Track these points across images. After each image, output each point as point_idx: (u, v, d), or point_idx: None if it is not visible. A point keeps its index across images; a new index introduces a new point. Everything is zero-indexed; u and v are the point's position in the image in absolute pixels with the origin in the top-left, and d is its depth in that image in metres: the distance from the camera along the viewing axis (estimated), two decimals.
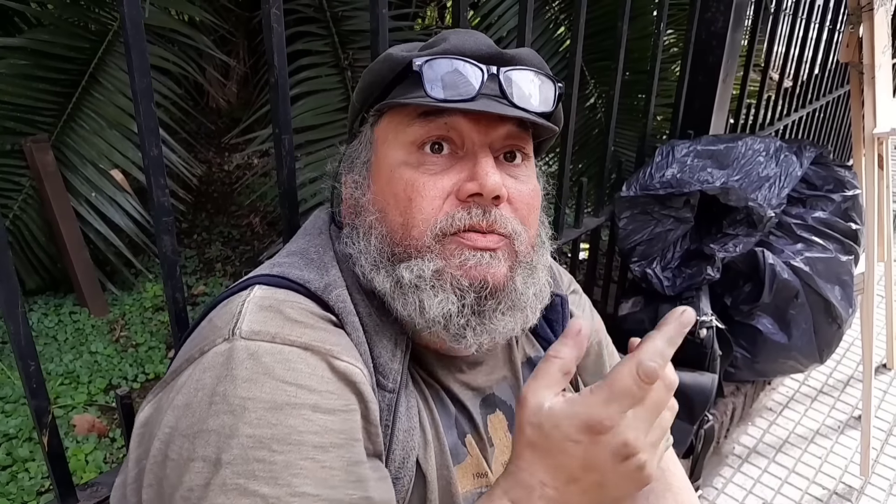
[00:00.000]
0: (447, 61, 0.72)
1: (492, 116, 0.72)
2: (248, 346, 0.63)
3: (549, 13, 3.20)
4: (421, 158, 0.73)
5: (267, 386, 0.61)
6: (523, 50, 0.79)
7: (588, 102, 3.26)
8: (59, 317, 2.79)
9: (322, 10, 2.97)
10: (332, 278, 0.74)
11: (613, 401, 0.58)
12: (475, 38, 0.76)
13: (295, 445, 0.59)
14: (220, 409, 0.60)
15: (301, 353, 0.64)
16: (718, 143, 1.96)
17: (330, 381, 0.64)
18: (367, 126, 0.81)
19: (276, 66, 1.01)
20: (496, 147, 0.74)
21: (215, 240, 3.48)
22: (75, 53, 2.79)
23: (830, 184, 2.06)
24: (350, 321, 0.71)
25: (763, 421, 2.42)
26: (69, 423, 2.22)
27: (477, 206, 0.71)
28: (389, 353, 0.72)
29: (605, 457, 0.59)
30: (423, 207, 0.71)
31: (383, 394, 0.69)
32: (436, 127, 0.72)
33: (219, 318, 0.68)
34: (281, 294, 0.70)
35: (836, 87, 3.39)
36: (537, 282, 0.76)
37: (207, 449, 0.59)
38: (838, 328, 2.00)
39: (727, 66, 2.10)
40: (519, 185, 0.75)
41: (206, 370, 0.63)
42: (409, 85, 0.75)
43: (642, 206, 1.91)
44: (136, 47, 0.87)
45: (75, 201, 2.76)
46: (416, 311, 0.71)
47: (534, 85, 0.75)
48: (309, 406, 0.61)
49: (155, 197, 0.95)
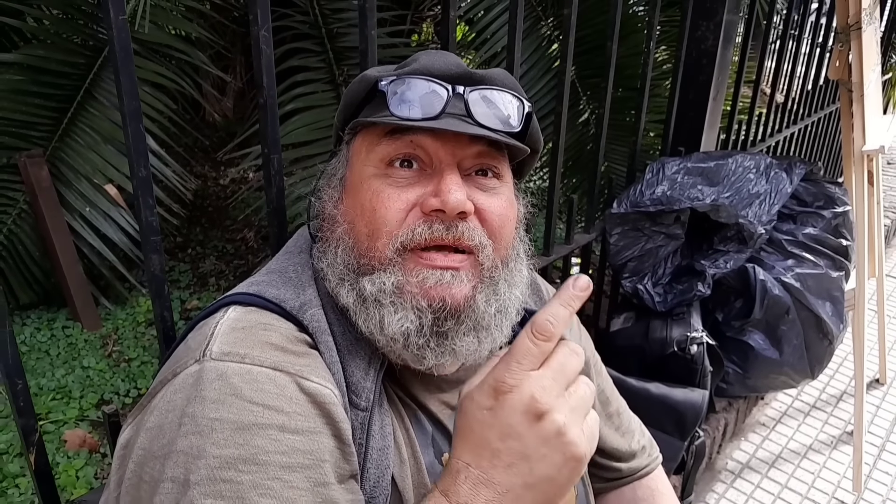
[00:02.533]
0: (412, 81, 0.74)
1: (460, 135, 0.73)
2: (217, 366, 0.64)
3: (542, 29, 3.23)
4: (390, 172, 0.75)
5: (234, 406, 0.61)
6: (495, 70, 0.80)
7: (581, 118, 3.28)
8: (51, 331, 2.79)
9: (317, 27, 2.99)
10: (308, 297, 0.75)
11: (513, 360, 0.59)
12: (445, 58, 0.78)
13: (261, 465, 0.60)
14: (188, 429, 0.61)
15: (270, 373, 0.65)
16: (708, 161, 1.97)
17: (298, 401, 0.64)
18: (344, 144, 0.83)
19: (264, 87, 1.02)
20: (466, 165, 0.75)
21: (209, 254, 3.48)
22: (70, 69, 2.80)
23: (821, 200, 2.07)
24: (324, 340, 0.72)
25: (756, 436, 2.42)
26: (60, 439, 2.22)
27: (439, 222, 0.72)
28: (362, 371, 0.72)
29: (517, 418, 0.57)
30: (387, 218, 0.72)
31: (356, 412, 0.70)
32: (402, 145, 0.74)
33: (193, 339, 0.70)
34: (255, 315, 0.71)
35: (826, 103, 3.42)
36: (501, 298, 0.76)
37: (176, 470, 0.60)
38: (829, 344, 2.01)
39: (717, 83, 2.12)
40: (489, 198, 0.76)
41: (177, 391, 0.64)
42: (379, 104, 0.77)
43: (633, 223, 1.92)
44: (125, 70, 0.87)
45: (69, 216, 2.76)
46: (377, 328, 0.72)
47: (501, 104, 0.76)
48: (276, 426, 0.62)
49: (143, 217, 0.96)
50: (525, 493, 0.58)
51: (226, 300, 0.75)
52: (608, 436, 1.02)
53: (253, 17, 0.98)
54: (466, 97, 0.74)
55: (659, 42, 3.16)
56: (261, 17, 0.98)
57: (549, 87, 3.12)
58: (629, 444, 1.05)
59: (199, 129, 3.95)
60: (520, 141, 0.78)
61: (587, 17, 2.91)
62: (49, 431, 2.25)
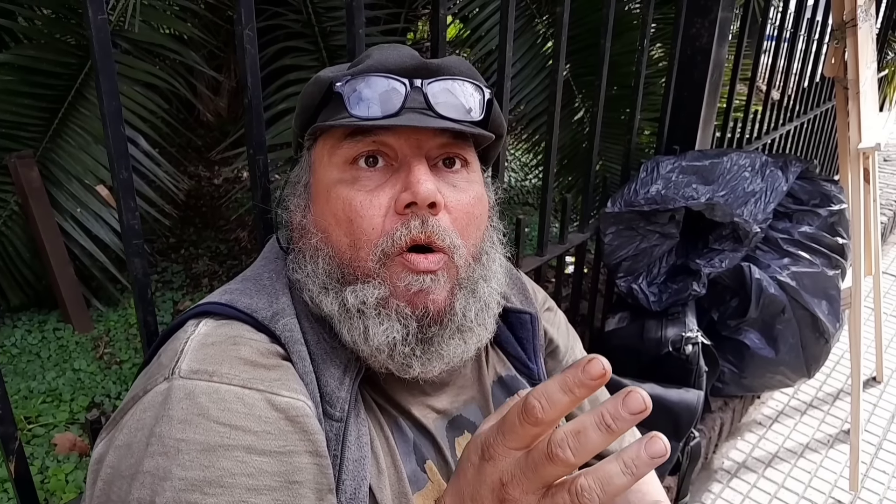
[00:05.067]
0: (369, 79, 0.72)
1: (424, 129, 0.71)
2: (185, 385, 0.63)
3: (537, 27, 3.21)
4: (355, 174, 0.73)
5: (201, 427, 0.60)
6: (451, 59, 0.78)
7: (576, 117, 3.26)
8: (42, 333, 2.76)
9: (310, 26, 2.97)
10: (282, 306, 0.73)
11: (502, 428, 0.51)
12: (398, 51, 0.76)
13: (227, 488, 0.59)
14: (155, 450, 0.60)
15: (239, 391, 0.63)
16: (703, 159, 1.96)
17: (268, 419, 0.63)
18: (305, 150, 0.81)
19: (249, 87, 1.00)
20: (433, 155, 0.74)
21: (203, 254, 3.46)
22: (62, 69, 2.77)
23: (816, 198, 2.06)
24: (296, 350, 0.70)
25: (752, 435, 2.41)
26: (50, 443, 2.19)
27: (415, 217, 0.70)
28: (337, 380, 0.71)
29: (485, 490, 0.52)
30: (365, 228, 0.71)
31: (331, 423, 0.68)
32: (364, 145, 0.72)
33: (164, 355, 0.68)
34: (225, 329, 0.70)
35: (822, 101, 3.40)
36: (480, 298, 0.75)
37: (143, 491, 0.58)
38: (825, 343, 2.00)
39: (712, 81, 2.10)
40: (458, 193, 0.75)
41: (146, 410, 0.63)
42: (336, 106, 0.75)
43: (627, 222, 1.91)
44: (105, 70, 0.86)
45: (60, 217, 2.74)
46: (361, 338, 0.70)
47: (461, 94, 0.74)
48: (243, 447, 0.60)
49: (125, 220, 0.94)
50: None
51: (197, 310, 0.73)
52: None
53: (237, 17, 0.96)
54: (425, 90, 0.72)
55: (654, 40, 3.14)
56: (245, 17, 0.97)
57: (544, 86, 3.10)
58: (619, 444, 1.03)
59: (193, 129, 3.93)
60: (482, 128, 0.77)
61: (581, 14, 2.90)
62: (39, 435, 2.22)
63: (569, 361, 0.99)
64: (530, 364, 0.89)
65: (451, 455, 0.78)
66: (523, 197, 4.31)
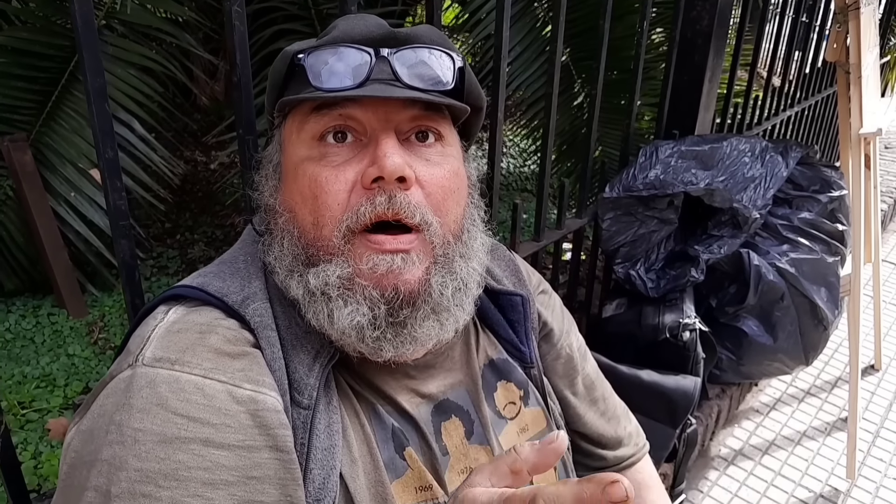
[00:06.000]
0: (331, 50, 0.70)
1: (393, 101, 0.69)
2: (147, 373, 0.61)
3: (536, 11, 3.18)
4: (323, 150, 0.70)
5: (159, 418, 0.59)
6: (421, 27, 0.75)
7: (575, 102, 3.23)
8: (37, 318, 2.75)
9: (307, 9, 2.93)
10: (254, 290, 0.71)
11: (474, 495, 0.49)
12: (364, 21, 0.73)
13: (182, 482, 0.57)
14: (113, 438, 0.59)
15: (200, 381, 0.62)
16: (703, 144, 1.93)
17: (228, 412, 0.61)
18: (276, 129, 0.78)
19: (238, 65, 0.98)
20: (404, 129, 0.71)
21: (198, 240, 3.44)
22: (55, 51, 2.74)
23: (817, 184, 2.04)
24: (265, 336, 0.68)
25: (749, 423, 2.40)
26: (44, 428, 2.19)
27: (382, 193, 0.67)
28: (306, 367, 0.68)
29: None
30: (329, 203, 0.68)
31: (298, 411, 0.66)
32: (331, 119, 0.70)
33: (133, 341, 0.67)
34: (193, 316, 0.68)
35: (824, 86, 3.37)
36: (457, 276, 0.72)
37: (99, 479, 0.57)
38: (824, 330, 1.98)
39: (713, 65, 2.08)
40: (431, 167, 0.71)
41: (108, 396, 0.62)
42: (301, 80, 0.72)
43: (626, 208, 1.89)
44: (88, 46, 0.83)
45: (54, 201, 2.72)
46: (327, 321, 0.68)
47: (430, 63, 0.71)
48: (200, 440, 0.59)
49: (111, 200, 0.92)
50: None
51: (169, 293, 0.72)
52: (593, 421, 0.99)
53: None
54: (391, 60, 0.69)
55: (654, 24, 3.11)
56: None
57: (543, 70, 3.07)
58: (615, 430, 1.02)
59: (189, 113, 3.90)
60: (458, 99, 0.74)
61: None
62: (33, 420, 2.22)
63: (563, 345, 0.97)
64: (522, 347, 0.87)
65: (435, 441, 0.75)
66: (522, 183, 4.28)
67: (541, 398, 0.88)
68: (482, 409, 0.80)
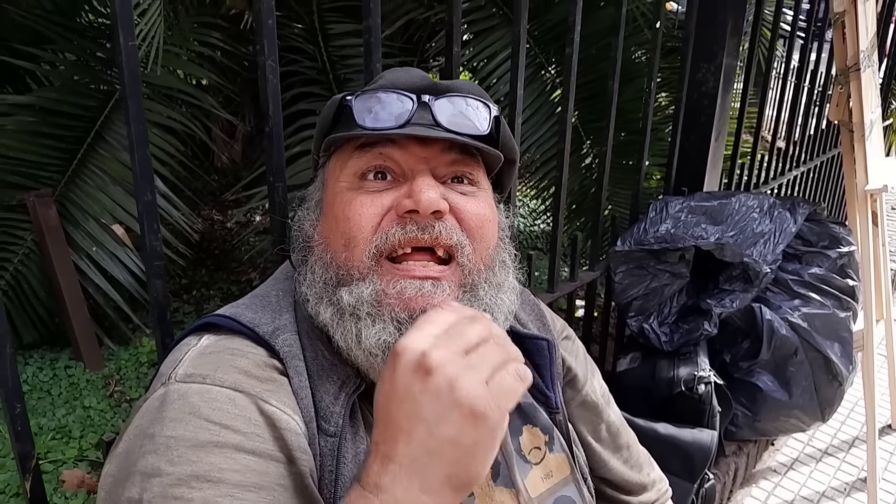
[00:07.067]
0: (376, 94, 0.75)
1: (431, 145, 0.73)
2: (179, 388, 0.65)
3: (545, 76, 3.29)
4: (363, 185, 0.75)
5: (191, 425, 0.61)
6: (460, 81, 0.81)
7: (584, 162, 3.30)
8: (53, 371, 2.77)
9: (325, 73, 3.06)
10: (284, 322, 0.75)
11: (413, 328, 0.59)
12: (409, 73, 0.79)
13: (214, 483, 0.59)
14: (147, 449, 0.61)
15: (230, 393, 0.65)
16: (712, 200, 1.98)
17: (257, 423, 0.64)
18: (320, 168, 0.83)
19: (270, 116, 1.04)
20: (441, 174, 0.75)
21: (214, 295, 3.48)
22: (82, 111, 2.85)
23: (825, 240, 2.07)
24: (294, 365, 0.71)
25: (767, 483, 2.37)
26: (58, 479, 2.18)
27: (413, 223, 0.71)
28: (332, 396, 0.71)
29: (408, 378, 0.55)
30: (362, 225, 0.72)
31: (325, 438, 0.68)
32: (372, 157, 0.74)
33: (164, 365, 0.71)
34: (225, 342, 0.71)
35: (829, 147, 3.44)
36: (482, 301, 0.74)
37: (133, 490, 0.59)
38: (839, 385, 1.98)
39: (719, 124, 2.14)
40: (466, 199, 0.75)
41: (143, 416, 0.65)
42: (348, 121, 0.77)
43: (637, 261, 1.92)
44: (133, 95, 0.89)
45: (76, 255, 2.77)
46: (354, 341, 0.70)
47: (468, 110, 0.76)
48: (232, 445, 0.61)
49: (148, 241, 0.96)
50: (430, 460, 0.55)
51: (203, 322, 0.75)
52: (618, 468, 1.00)
53: (260, 48, 1.00)
54: (432, 105, 0.74)
55: (659, 87, 3.20)
56: (268, 48, 1.01)
57: (552, 132, 3.16)
58: (639, 477, 1.02)
59: (208, 173, 4.00)
60: (493, 147, 0.78)
61: (590, 62, 2.96)
62: (47, 471, 2.21)
63: (588, 392, 0.98)
64: (547, 392, 0.88)
65: None
66: (532, 242, 4.33)
67: (565, 444, 0.89)
68: (508, 452, 0.81)
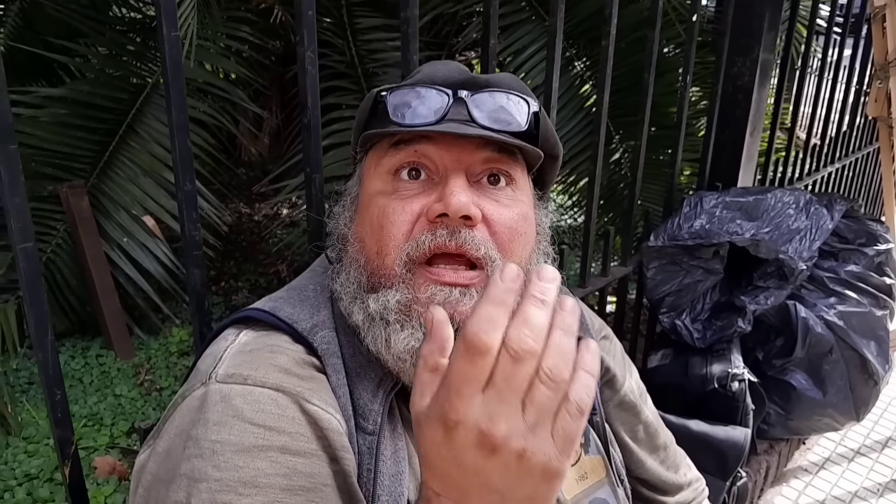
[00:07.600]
0: (412, 89, 0.73)
1: (466, 142, 0.71)
2: (221, 389, 0.64)
3: (574, 70, 3.26)
4: (396, 185, 0.73)
5: (236, 429, 0.61)
6: (501, 74, 0.78)
7: (613, 157, 3.27)
8: (85, 359, 2.81)
9: (353, 67, 3.06)
10: (322, 318, 0.74)
11: (452, 390, 0.48)
12: (447, 66, 0.77)
13: (262, 488, 0.59)
14: (191, 452, 0.61)
15: (272, 394, 0.64)
16: (747, 195, 1.94)
17: (300, 422, 0.64)
18: (357, 164, 0.83)
19: (308, 107, 1.04)
20: (475, 171, 0.73)
21: (242, 287, 3.51)
22: (114, 104, 2.88)
23: (862, 237, 2.03)
24: (332, 363, 0.70)
25: (798, 482, 2.33)
26: (90, 465, 2.21)
27: (443, 227, 0.69)
28: (370, 393, 0.70)
29: (471, 455, 0.48)
30: (394, 233, 0.71)
31: (364, 436, 0.68)
32: (407, 154, 0.73)
33: (204, 362, 0.70)
34: (264, 339, 0.71)
35: (865, 144, 3.37)
36: None
37: (179, 493, 0.59)
38: (875, 385, 1.94)
39: (754, 119, 2.11)
40: (500, 208, 0.73)
41: (184, 415, 0.65)
42: (383, 117, 0.76)
43: (670, 257, 1.90)
44: (175, 84, 0.89)
45: (107, 246, 2.81)
46: (383, 346, 0.69)
47: (506, 106, 0.73)
48: (277, 448, 0.61)
49: (187, 230, 0.97)
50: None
51: (240, 315, 0.75)
52: (655, 468, 0.99)
53: (300, 38, 1.00)
54: (468, 101, 0.72)
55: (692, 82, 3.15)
56: (307, 39, 1.00)
57: (580, 127, 3.13)
58: (675, 477, 1.01)
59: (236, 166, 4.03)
60: (532, 143, 0.76)
61: (622, 56, 2.93)
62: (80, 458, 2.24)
63: (626, 392, 0.97)
64: None
65: None
66: (559, 237, 4.32)
67: (601, 446, 0.88)
68: None
